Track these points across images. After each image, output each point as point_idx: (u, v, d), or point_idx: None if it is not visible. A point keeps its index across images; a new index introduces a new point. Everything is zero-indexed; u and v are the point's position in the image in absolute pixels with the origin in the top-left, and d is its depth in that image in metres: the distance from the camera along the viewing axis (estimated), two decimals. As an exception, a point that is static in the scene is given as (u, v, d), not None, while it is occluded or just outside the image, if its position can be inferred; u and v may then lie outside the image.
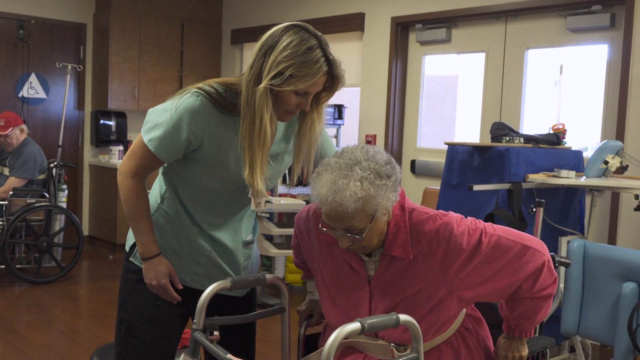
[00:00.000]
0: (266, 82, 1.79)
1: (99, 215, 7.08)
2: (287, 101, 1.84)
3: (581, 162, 4.05)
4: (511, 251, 1.75)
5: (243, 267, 2.13)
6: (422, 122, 5.84)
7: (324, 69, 1.81)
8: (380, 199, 1.68)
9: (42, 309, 4.87)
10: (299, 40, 1.79)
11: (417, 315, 1.74)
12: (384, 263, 1.81)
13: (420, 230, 1.78)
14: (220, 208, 2.02)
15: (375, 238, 1.75)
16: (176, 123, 1.85)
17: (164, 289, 1.97)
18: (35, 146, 5.66)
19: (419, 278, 1.77)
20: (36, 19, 6.70)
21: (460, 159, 3.81)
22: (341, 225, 1.71)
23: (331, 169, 1.70)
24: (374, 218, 1.70)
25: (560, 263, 2.28)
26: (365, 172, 1.67)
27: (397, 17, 5.73)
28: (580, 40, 4.72)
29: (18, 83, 6.66)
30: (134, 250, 2.06)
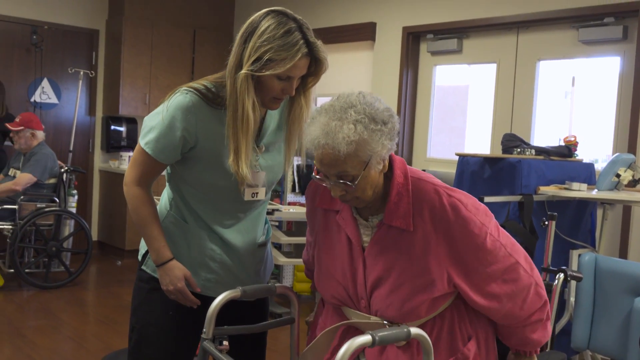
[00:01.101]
0: (246, 68, 1.79)
1: (108, 221, 7.09)
2: (271, 87, 1.83)
3: (593, 174, 4.03)
4: (502, 263, 1.70)
5: (255, 272, 2.11)
6: (432, 132, 5.83)
7: (303, 50, 1.79)
8: (374, 144, 1.62)
9: (50, 314, 4.87)
10: (276, 24, 1.79)
11: (408, 289, 1.70)
12: (380, 231, 1.75)
13: (425, 203, 1.70)
14: (227, 206, 2.00)
15: (369, 189, 1.69)
16: (169, 122, 1.86)
17: (181, 293, 1.95)
18: (49, 150, 5.68)
19: (416, 252, 1.70)
20: (49, 24, 6.74)
21: (471, 170, 3.79)
22: (333, 171, 1.65)
23: (325, 111, 1.65)
24: (367, 165, 1.64)
25: (572, 277, 2.26)
26: (359, 116, 1.61)
27: (409, 27, 5.73)
28: (592, 52, 4.70)
29: (30, 88, 6.70)
30: (145, 258, 2.05)
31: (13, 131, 5.52)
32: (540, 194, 3.57)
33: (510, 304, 1.72)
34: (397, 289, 1.71)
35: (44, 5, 6.69)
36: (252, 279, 2.11)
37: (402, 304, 1.70)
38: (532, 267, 1.76)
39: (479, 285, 1.70)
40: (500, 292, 1.71)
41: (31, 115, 5.61)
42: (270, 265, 2.22)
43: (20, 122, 5.51)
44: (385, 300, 1.73)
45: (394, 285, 1.71)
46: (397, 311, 1.72)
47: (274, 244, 5.08)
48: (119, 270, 6.42)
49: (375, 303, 1.75)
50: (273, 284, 2.03)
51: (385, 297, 1.73)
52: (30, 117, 5.57)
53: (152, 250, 1.96)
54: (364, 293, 1.78)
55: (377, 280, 1.74)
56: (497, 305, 1.72)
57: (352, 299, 1.81)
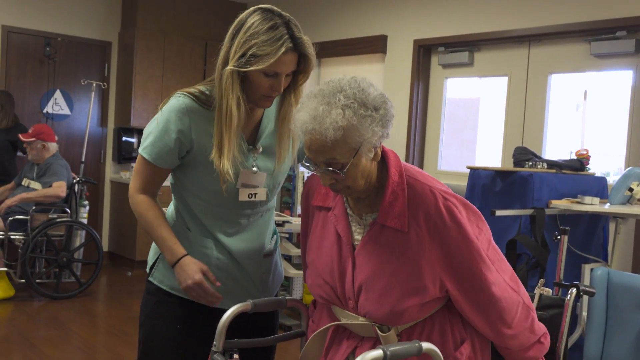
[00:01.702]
0: (231, 64, 1.79)
1: (118, 232, 7.12)
2: (258, 84, 1.83)
3: (605, 188, 4.01)
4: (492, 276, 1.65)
5: (262, 282, 2.09)
6: (442, 144, 5.82)
7: (287, 45, 1.78)
8: (364, 130, 1.56)
9: (60, 325, 4.88)
10: (261, 20, 1.79)
11: (398, 292, 1.64)
12: (373, 230, 1.69)
13: (421, 204, 1.64)
14: (228, 212, 1.98)
15: (360, 178, 1.63)
16: (164, 126, 1.88)
17: (201, 288, 1.89)
18: (64, 161, 5.71)
19: (409, 254, 1.64)
20: (63, 36, 6.80)
21: (482, 183, 3.78)
22: (322, 158, 1.59)
23: (314, 96, 1.60)
24: (357, 153, 1.58)
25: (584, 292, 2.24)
26: (348, 100, 1.55)
27: (420, 40, 5.74)
28: (604, 65, 4.69)
29: (43, 99, 6.75)
30: (153, 270, 2.05)
31: (25, 142, 5.54)
32: (552, 208, 3.55)
33: (499, 322, 1.68)
34: (387, 292, 1.65)
35: (58, 18, 6.75)
36: (260, 290, 2.09)
37: (391, 307, 1.65)
38: (518, 285, 1.72)
39: (471, 294, 1.65)
40: (488, 304, 1.66)
41: (43, 127, 5.64)
42: (280, 276, 2.19)
43: (32, 133, 5.55)
44: (374, 303, 1.67)
45: (384, 288, 1.66)
46: (386, 314, 1.67)
47: (283, 255, 5.07)
48: (129, 281, 6.44)
49: (364, 305, 1.70)
50: (284, 297, 2.01)
51: (374, 299, 1.67)
52: (41, 129, 5.59)
53: (164, 251, 1.94)
54: (351, 293, 1.72)
55: (366, 281, 1.69)
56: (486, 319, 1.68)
57: (339, 298, 1.76)
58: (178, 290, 2.00)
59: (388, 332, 1.68)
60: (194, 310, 1.99)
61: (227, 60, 1.82)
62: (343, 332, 1.80)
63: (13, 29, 6.50)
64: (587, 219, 3.87)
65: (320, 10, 6.64)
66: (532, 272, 3.51)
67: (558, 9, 4.78)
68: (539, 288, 2.21)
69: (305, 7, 6.78)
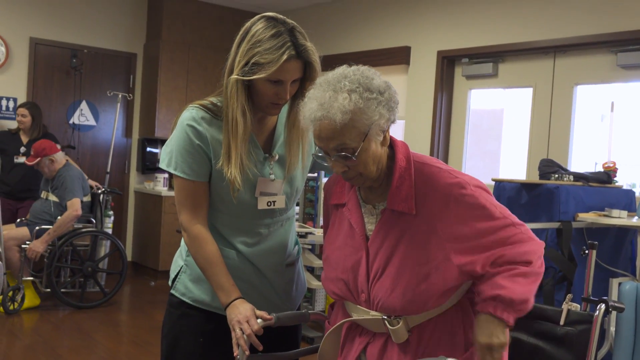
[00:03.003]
0: (236, 72, 1.80)
1: (142, 242, 7.16)
2: (264, 91, 1.83)
3: (633, 201, 3.95)
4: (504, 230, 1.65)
5: (285, 292, 2.07)
6: (466, 156, 5.79)
7: (290, 53, 1.77)
8: (371, 113, 1.58)
9: (85, 334, 4.91)
10: (264, 28, 1.79)
11: (409, 276, 1.64)
12: (384, 217, 1.71)
13: (429, 185, 1.67)
14: (250, 224, 1.97)
15: (371, 164, 1.65)
16: (181, 137, 1.88)
17: (247, 322, 1.80)
18: (75, 171, 5.68)
19: (418, 237, 1.66)
20: (89, 48, 6.89)
21: (507, 195, 3.75)
22: (332, 144, 1.61)
23: (319, 85, 1.63)
24: (367, 137, 1.60)
25: (613, 307, 2.20)
26: (353, 85, 1.58)
27: (443, 51, 5.72)
28: (631, 77, 4.63)
29: (69, 110, 6.84)
30: (175, 282, 2.04)
31: (32, 165, 5.49)
32: (579, 221, 3.51)
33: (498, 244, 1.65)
34: (398, 277, 1.66)
35: (84, 30, 6.85)
36: (283, 301, 2.07)
37: (402, 292, 1.65)
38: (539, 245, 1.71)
39: (488, 250, 1.63)
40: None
41: (43, 143, 5.53)
42: (302, 286, 2.18)
43: (35, 153, 5.47)
44: (386, 290, 1.67)
45: (395, 273, 1.66)
46: (400, 301, 1.66)
47: (306, 267, 5.06)
48: (153, 291, 6.47)
49: (378, 294, 1.69)
50: (306, 311, 2.01)
51: (386, 286, 1.67)
52: (42, 145, 5.50)
53: (219, 291, 1.88)
54: (364, 285, 1.72)
55: (380, 269, 1.69)
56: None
57: (352, 292, 1.76)
58: (201, 303, 1.99)
59: (398, 325, 1.68)
60: (217, 323, 1.98)
61: (232, 69, 1.83)
62: (355, 328, 1.80)
63: (40, 41, 6.60)
64: (614, 233, 3.81)
65: (343, 22, 6.65)
66: (559, 286, 3.46)
67: (584, 20, 4.74)
68: (566, 303, 2.18)
69: (329, 20, 6.80)
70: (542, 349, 2.09)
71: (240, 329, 1.80)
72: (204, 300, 1.99)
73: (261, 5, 7.09)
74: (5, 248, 5.23)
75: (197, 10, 7.14)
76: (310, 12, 7.05)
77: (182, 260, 2.05)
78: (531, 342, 2.27)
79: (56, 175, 5.54)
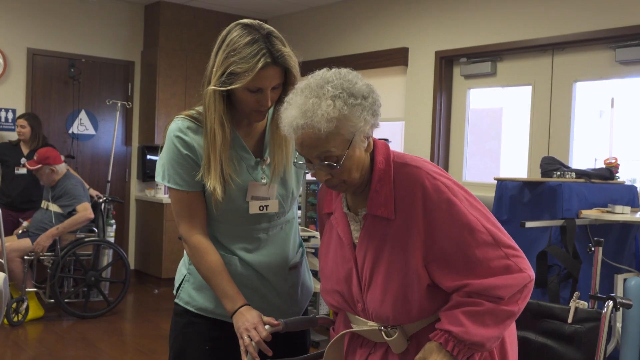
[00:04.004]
0: (213, 83, 1.78)
1: (144, 250, 7.15)
2: (244, 100, 1.80)
3: (636, 197, 3.94)
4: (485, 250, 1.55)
5: (290, 297, 2.05)
6: (467, 156, 5.78)
7: (266, 60, 1.74)
8: (356, 120, 1.52)
9: (89, 344, 4.90)
10: (239, 36, 1.77)
11: (397, 283, 1.58)
12: (366, 223, 1.65)
13: (408, 188, 1.59)
14: (247, 230, 1.95)
15: (355, 171, 1.59)
16: (170, 149, 1.88)
17: (255, 329, 1.79)
18: (75, 179, 5.67)
19: (399, 242, 1.59)
20: (86, 57, 6.89)
21: (510, 194, 3.74)
22: (316, 152, 1.54)
23: (301, 91, 1.56)
24: (351, 144, 1.54)
25: (621, 304, 2.19)
26: (337, 91, 1.52)
27: (441, 52, 5.72)
28: (630, 72, 4.63)
29: (68, 119, 6.83)
30: (179, 291, 2.03)
31: (33, 170, 5.46)
32: (582, 218, 3.50)
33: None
34: (387, 285, 1.60)
35: (82, 39, 6.85)
36: (289, 305, 2.05)
37: (394, 303, 1.60)
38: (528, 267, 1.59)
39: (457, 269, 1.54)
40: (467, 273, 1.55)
41: (48, 151, 5.51)
42: (308, 290, 2.15)
43: (38, 160, 5.44)
44: (377, 300, 1.62)
45: (383, 281, 1.61)
46: (391, 311, 1.61)
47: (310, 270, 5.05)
48: (156, 299, 6.45)
49: (370, 304, 1.65)
50: (314, 316, 2.00)
51: (377, 296, 1.62)
52: (47, 154, 5.47)
53: (225, 299, 1.87)
54: (359, 295, 1.68)
55: (368, 277, 1.64)
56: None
57: (348, 303, 1.72)
58: (205, 311, 1.98)
59: (394, 335, 1.63)
60: (223, 330, 1.96)
61: (210, 79, 1.81)
62: (357, 339, 1.77)
63: (38, 51, 6.60)
64: (618, 229, 3.81)
65: (340, 25, 6.66)
66: (564, 284, 3.46)
67: (581, 17, 4.74)
68: (574, 301, 2.17)
69: (326, 23, 6.80)
70: (551, 347, 2.09)
71: (248, 336, 1.79)
72: (207, 308, 1.97)
73: (257, 10, 7.10)
74: (8, 259, 5.21)
75: (193, 17, 7.14)
76: (307, 15, 7.05)
77: (186, 269, 2.04)
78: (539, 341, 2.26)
79: (56, 185, 5.53)
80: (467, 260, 1.54)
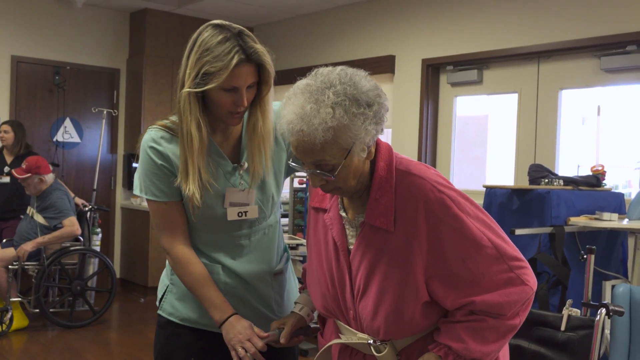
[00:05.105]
0: (187, 86, 1.75)
1: (130, 258, 7.10)
2: (220, 101, 1.77)
3: (622, 204, 3.98)
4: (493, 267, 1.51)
5: (276, 302, 2.00)
6: (454, 163, 5.81)
7: (239, 57, 1.71)
8: (356, 130, 1.43)
9: (75, 354, 4.85)
10: (210, 36, 1.75)
11: (392, 298, 1.52)
12: (363, 232, 1.57)
13: (410, 199, 1.51)
14: (228, 237, 1.92)
15: (352, 179, 1.51)
16: (145, 160, 1.85)
17: (250, 342, 1.78)
18: (62, 188, 5.62)
19: (398, 255, 1.52)
20: (71, 65, 6.84)
21: (498, 202, 3.76)
22: (310, 159, 1.48)
23: (301, 92, 1.47)
24: (349, 153, 1.46)
25: (614, 312, 2.20)
26: (338, 98, 1.42)
27: (428, 59, 5.75)
28: (615, 80, 4.68)
29: (53, 127, 6.78)
30: (162, 302, 1.99)
31: (20, 179, 5.37)
32: (571, 225, 3.53)
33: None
34: (381, 298, 1.54)
35: (66, 47, 6.80)
36: (274, 312, 2.00)
37: (386, 317, 1.54)
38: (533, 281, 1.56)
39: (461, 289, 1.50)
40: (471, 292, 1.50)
41: (39, 160, 5.43)
42: (294, 296, 2.10)
43: (27, 168, 5.33)
44: (370, 312, 1.56)
45: (377, 293, 1.54)
46: (383, 325, 1.56)
47: (298, 279, 5.03)
48: (142, 308, 6.40)
49: (362, 314, 1.59)
50: (309, 325, 1.97)
51: (370, 308, 1.56)
52: (37, 163, 5.38)
53: (212, 310, 1.84)
54: (351, 302, 1.62)
55: (362, 287, 1.58)
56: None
57: (341, 309, 1.66)
58: (189, 321, 1.95)
59: (384, 351, 1.58)
60: (209, 341, 1.93)
61: (184, 82, 1.78)
62: (345, 349, 1.72)
63: (22, 58, 6.55)
64: (605, 235, 3.84)
65: (327, 33, 6.67)
66: (553, 291, 3.47)
67: (567, 25, 4.79)
68: (567, 309, 2.19)
69: (314, 30, 6.81)
70: (544, 355, 2.10)
71: (242, 347, 1.76)
72: (191, 318, 1.94)
73: (244, 18, 7.09)
74: (-8, 269, 5.16)
75: (179, 24, 7.11)
76: (294, 23, 7.05)
77: (168, 280, 2.01)
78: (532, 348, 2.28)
79: (42, 195, 5.45)
80: (470, 275, 1.50)
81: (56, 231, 5.38)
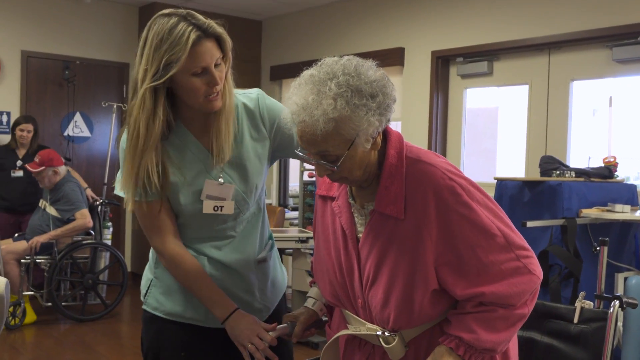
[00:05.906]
0: (148, 83, 1.68)
1: (141, 252, 7.12)
2: (193, 88, 1.71)
3: (635, 195, 3.95)
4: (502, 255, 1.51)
5: (261, 290, 1.96)
6: (464, 155, 5.79)
7: (196, 34, 1.67)
8: (358, 121, 1.43)
9: (87, 347, 4.88)
10: (161, 26, 1.70)
11: (401, 286, 1.52)
12: (373, 220, 1.57)
13: (420, 187, 1.51)
14: (215, 230, 1.88)
15: (357, 170, 1.51)
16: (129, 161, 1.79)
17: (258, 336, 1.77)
18: (74, 180, 5.65)
19: (408, 243, 1.52)
20: (81, 59, 6.85)
21: (509, 194, 3.74)
22: (313, 150, 1.48)
23: (305, 82, 1.47)
24: (353, 144, 1.45)
25: (627, 304, 2.19)
26: (341, 89, 1.42)
27: (437, 51, 5.72)
28: (627, 71, 4.64)
29: (63, 122, 6.80)
30: (146, 297, 1.96)
31: (34, 172, 5.42)
32: (583, 217, 3.51)
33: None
34: (391, 287, 1.54)
35: (76, 41, 6.81)
36: (258, 301, 1.97)
37: (397, 306, 1.54)
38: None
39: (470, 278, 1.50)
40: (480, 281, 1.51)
41: (51, 153, 5.48)
42: (281, 285, 2.07)
43: (40, 162, 5.38)
44: (380, 301, 1.56)
45: (387, 282, 1.54)
46: (393, 315, 1.55)
47: (308, 271, 5.04)
48: (153, 301, 6.42)
49: (371, 302, 1.59)
50: (321, 318, 1.94)
51: (380, 297, 1.56)
52: (50, 156, 5.43)
53: (213, 307, 1.82)
54: (360, 291, 1.61)
55: (371, 276, 1.57)
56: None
57: (350, 298, 1.65)
58: (175, 316, 1.91)
59: (393, 342, 1.58)
60: (198, 334, 1.90)
61: (142, 80, 1.70)
62: (353, 340, 1.71)
63: (32, 53, 6.57)
64: (618, 227, 3.81)
65: (336, 25, 6.65)
66: (565, 283, 3.46)
67: (578, 16, 4.75)
68: (579, 301, 2.17)
69: (322, 23, 6.79)
70: (557, 348, 2.09)
71: (251, 344, 1.75)
72: (177, 312, 1.90)
73: (253, 11, 7.08)
74: (4, 262, 5.19)
75: (188, 18, 7.10)
76: (303, 16, 7.03)
77: (152, 274, 1.97)
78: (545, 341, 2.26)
79: (55, 187, 5.49)
80: (479, 263, 1.50)
81: (68, 224, 5.42)
